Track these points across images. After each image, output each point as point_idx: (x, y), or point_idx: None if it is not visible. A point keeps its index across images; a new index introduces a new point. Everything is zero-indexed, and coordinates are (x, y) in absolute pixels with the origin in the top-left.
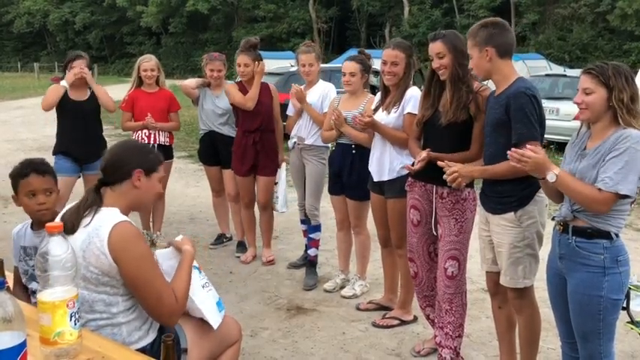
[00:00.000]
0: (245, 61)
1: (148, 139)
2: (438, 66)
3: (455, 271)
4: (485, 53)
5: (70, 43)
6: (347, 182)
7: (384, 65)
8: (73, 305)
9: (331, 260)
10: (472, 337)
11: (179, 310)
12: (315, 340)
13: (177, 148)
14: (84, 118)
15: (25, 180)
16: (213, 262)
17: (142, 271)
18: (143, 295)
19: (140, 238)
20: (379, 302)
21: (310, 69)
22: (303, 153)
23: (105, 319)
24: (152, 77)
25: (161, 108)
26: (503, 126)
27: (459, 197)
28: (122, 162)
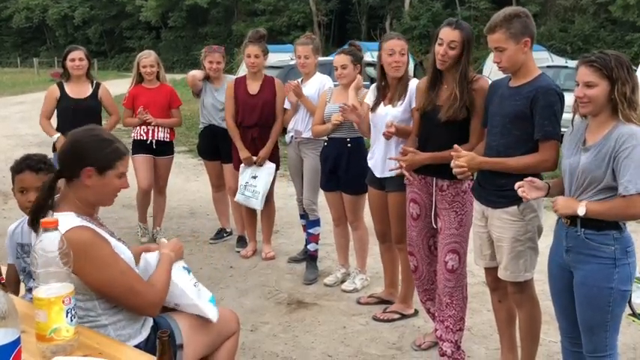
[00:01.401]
0: (255, 52)
1: (146, 135)
2: (444, 54)
3: (455, 265)
4: (524, 44)
5: (70, 38)
6: (344, 178)
7: (391, 56)
8: (69, 301)
9: (332, 254)
10: (473, 330)
11: (158, 298)
12: (315, 335)
13: (177, 143)
14: (84, 116)
15: (18, 176)
16: (213, 256)
17: (104, 274)
18: (114, 296)
19: (94, 241)
20: (380, 296)
21: (306, 61)
22: (300, 147)
23: (89, 322)
24: (152, 73)
25: (162, 104)
26: (523, 119)
27: (459, 190)
28: (73, 157)
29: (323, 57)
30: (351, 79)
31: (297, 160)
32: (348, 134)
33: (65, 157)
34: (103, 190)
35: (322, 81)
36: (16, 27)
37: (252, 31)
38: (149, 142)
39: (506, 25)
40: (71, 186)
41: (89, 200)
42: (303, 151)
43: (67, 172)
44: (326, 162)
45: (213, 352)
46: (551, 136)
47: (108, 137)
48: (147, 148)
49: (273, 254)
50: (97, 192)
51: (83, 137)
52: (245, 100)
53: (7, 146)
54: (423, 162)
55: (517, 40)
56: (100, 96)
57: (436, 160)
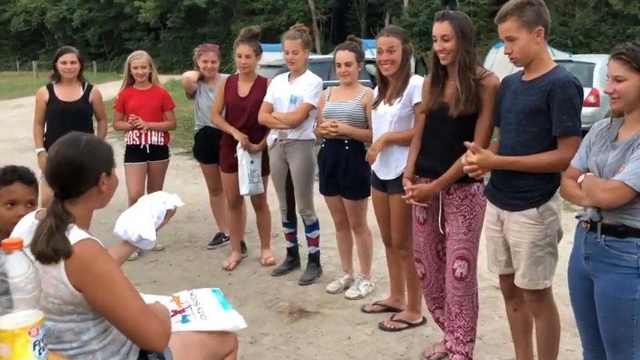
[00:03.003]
0: (246, 52)
1: (139, 139)
2: (440, 49)
3: (464, 272)
4: (537, 34)
5: (69, 40)
6: (342, 182)
7: (380, 54)
8: (36, 332)
9: (334, 259)
10: (485, 339)
11: (167, 331)
12: (318, 346)
13: (175, 145)
14: (74, 120)
15: (7, 187)
16: (211, 262)
17: (112, 295)
18: (119, 320)
19: (103, 256)
20: (386, 303)
21: (295, 57)
22: (286, 149)
23: (76, 348)
24: (143, 75)
25: (154, 106)
26: (539, 114)
27: (468, 192)
28: (84, 172)
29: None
30: (355, 78)
31: (282, 166)
32: (345, 136)
33: (68, 178)
34: (112, 191)
35: (312, 81)
36: (14, 30)
37: (244, 30)
38: (142, 147)
39: (517, 13)
40: (77, 201)
41: (96, 206)
42: (289, 154)
43: (74, 191)
44: (324, 165)
45: None
46: (571, 132)
47: (97, 138)
48: (140, 154)
49: (273, 259)
50: (107, 195)
51: (78, 151)
52: (234, 101)
53: (3, 150)
54: (433, 191)
55: (530, 29)
56: (91, 99)
57: (445, 182)
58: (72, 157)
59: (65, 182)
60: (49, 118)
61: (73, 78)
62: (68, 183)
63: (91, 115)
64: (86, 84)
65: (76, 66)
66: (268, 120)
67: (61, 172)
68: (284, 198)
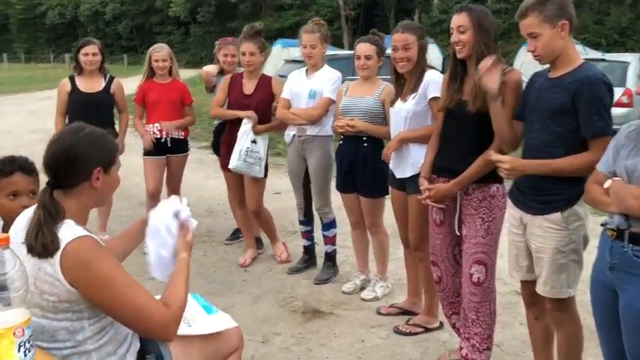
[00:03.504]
0: (250, 50)
1: (160, 132)
2: (456, 40)
3: (482, 277)
4: (560, 28)
5: (101, 33)
6: (360, 180)
7: (395, 51)
8: (21, 333)
9: (351, 258)
10: (503, 346)
11: (173, 320)
12: (331, 349)
13: (199, 138)
14: (96, 111)
15: (8, 179)
16: (228, 258)
17: (109, 292)
18: (120, 316)
19: (98, 253)
20: (402, 306)
21: (312, 51)
22: (304, 146)
23: (70, 347)
24: (164, 68)
25: (174, 100)
26: (565, 113)
27: (487, 194)
28: (77, 163)
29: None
30: (374, 71)
31: (299, 163)
32: (363, 133)
33: (60, 166)
34: (108, 189)
35: (331, 75)
36: (49, 23)
37: (246, 27)
38: (164, 140)
39: (539, 8)
40: (70, 194)
41: (91, 204)
42: (307, 151)
43: (66, 181)
44: (342, 162)
45: None
46: (603, 133)
47: (101, 132)
48: (160, 147)
49: (287, 255)
50: (102, 192)
51: (76, 140)
52: (238, 99)
53: (32, 140)
54: (450, 191)
55: (553, 24)
56: (112, 90)
57: (463, 182)
58: (68, 146)
59: (58, 171)
60: (71, 109)
61: (95, 70)
62: (60, 172)
63: (112, 107)
64: (108, 75)
65: (97, 58)
66: (287, 116)
67: (54, 159)
68: (301, 195)
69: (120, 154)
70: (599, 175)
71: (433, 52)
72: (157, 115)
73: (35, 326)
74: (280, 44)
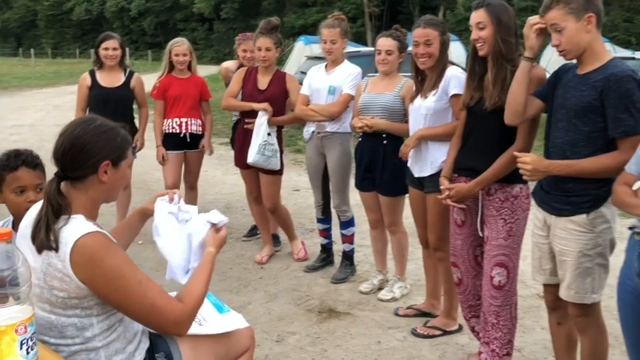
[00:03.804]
0: (267, 45)
1: (179, 127)
2: (476, 38)
3: (503, 280)
4: (586, 21)
5: (126, 29)
6: (379, 178)
7: (417, 47)
8: (24, 330)
9: (369, 257)
10: (524, 351)
11: (186, 316)
12: (346, 350)
13: (220, 134)
14: (116, 106)
15: (13, 174)
16: (244, 255)
17: (120, 288)
18: (131, 312)
19: (109, 249)
20: (420, 308)
21: (333, 46)
22: (323, 142)
23: (78, 344)
24: (184, 62)
25: (193, 95)
26: (592, 112)
27: (509, 194)
28: (84, 154)
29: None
30: (394, 67)
31: (318, 160)
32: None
33: (67, 157)
34: (117, 184)
35: (351, 71)
36: (76, 19)
37: (263, 22)
38: (182, 135)
39: (564, 0)
40: (79, 187)
41: (100, 199)
42: (326, 148)
43: (73, 173)
44: (361, 160)
45: None
46: (633, 132)
47: (112, 125)
48: (179, 142)
49: (304, 253)
50: (111, 187)
51: (85, 131)
52: (252, 93)
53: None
54: (471, 191)
55: (578, 17)
56: (132, 85)
57: (485, 182)
58: (76, 136)
59: (65, 162)
60: (91, 104)
61: (115, 65)
62: (67, 163)
63: (132, 102)
64: (127, 70)
65: (117, 52)
66: (306, 113)
67: (62, 150)
68: (320, 193)
69: (139, 150)
70: (628, 176)
71: (457, 50)
72: (176, 111)
73: (44, 322)
74: (303, 41)
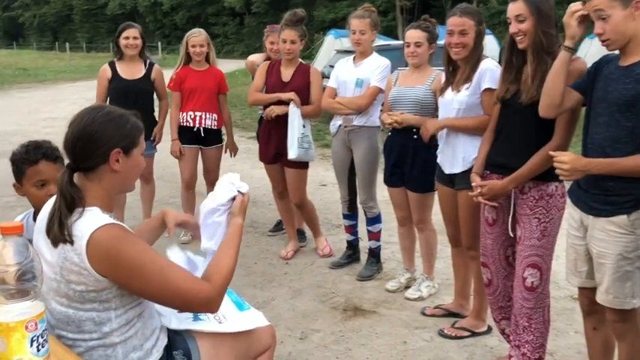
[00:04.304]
0: (292, 37)
1: (193, 121)
2: (516, 31)
3: (535, 282)
4: (635, 8)
5: (159, 24)
6: (408, 174)
7: (451, 36)
8: (34, 327)
9: (397, 255)
10: (557, 355)
11: (215, 294)
12: (371, 349)
13: (249, 128)
14: (136, 98)
15: (33, 167)
16: (269, 250)
17: (141, 277)
18: (157, 299)
19: (126, 240)
20: (448, 308)
21: (362, 37)
22: (350, 136)
23: (96, 339)
24: (201, 54)
25: (211, 88)
26: (637, 106)
27: (544, 192)
28: (94, 143)
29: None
30: (424, 59)
31: (345, 154)
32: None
33: (78, 148)
34: (130, 173)
35: (380, 63)
36: (110, 14)
37: (288, 14)
38: (196, 130)
39: None
40: (92, 178)
41: (114, 189)
42: (353, 142)
43: (84, 164)
44: (390, 154)
45: None
46: None
47: (122, 112)
48: (194, 136)
49: (329, 249)
50: (124, 176)
51: (94, 120)
52: (275, 86)
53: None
54: (504, 189)
55: (625, 3)
56: (153, 77)
57: (519, 180)
58: (84, 125)
59: (75, 152)
60: (112, 97)
61: (135, 55)
62: (77, 153)
63: (152, 94)
64: (148, 61)
65: (138, 42)
66: (332, 105)
67: (72, 140)
68: (346, 188)
69: (157, 143)
70: None
71: (490, 44)
72: (192, 104)
73: (61, 316)
74: (333, 35)
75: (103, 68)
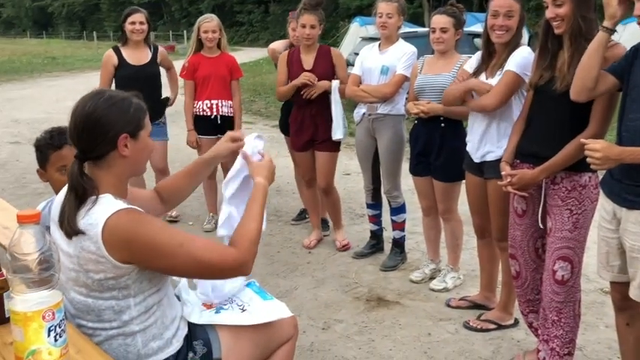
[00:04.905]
0: (311, 22)
1: (210, 110)
2: (553, 15)
3: (566, 275)
4: None
5: (184, 12)
6: (434, 163)
7: (495, 18)
8: (51, 317)
9: (421, 245)
10: (586, 350)
11: (242, 258)
12: (394, 340)
13: (272, 116)
14: (145, 83)
15: (57, 152)
16: (293, 239)
17: (162, 256)
18: (183, 274)
19: (140, 222)
20: (473, 300)
21: (388, 21)
22: (374, 125)
23: (115, 328)
24: (213, 40)
25: (223, 75)
26: None
27: (577, 183)
28: (99, 130)
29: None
30: (450, 46)
31: (369, 143)
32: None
33: (84, 137)
34: (140, 156)
35: (406, 50)
36: (136, 2)
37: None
38: (213, 118)
39: None
40: (102, 166)
41: (126, 174)
42: (377, 130)
43: (93, 153)
44: (416, 143)
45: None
46: None
47: (123, 95)
48: (212, 126)
49: (348, 242)
50: (134, 160)
51: (96, 106)
52: (298, 75)
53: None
54: (536, 179)
55: None
56: (159, 60)
57: (550, 169)
58: (87, 113)
59: (82, 142)
60: (120, 83)
61: (141, 40)
62: (84, 142)
63: (160, 78)
64: (152, 46)
65: (144, 27)
66: (356, 93)
67: (76, 130)
68: (370, 177)
69: (171, 104)
70: None
71: None
72: (206, 92)
73: (81, 306)
74: (358, 22)
75: (107, 54)
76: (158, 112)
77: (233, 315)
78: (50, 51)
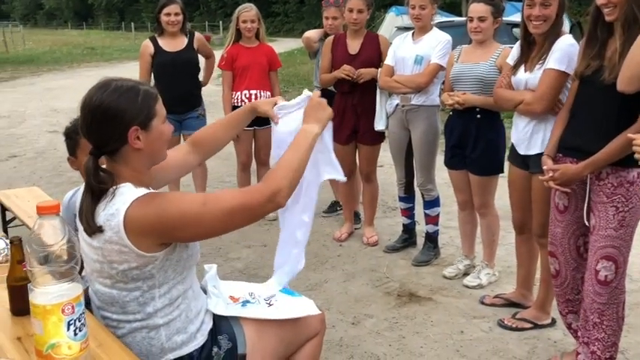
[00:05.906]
0: (359, 6)
1: (249, 100)
2: (605, 2)
3: (610, 276)
4: None
5: (220, 2)
6: (471, 155)
7: (531, 8)
8: (71, 310)
9: (455, 240)
10: (628, 353)
11: (270, 191)
12: (426, 337)
13: None
14: (183, 69)
15: None
16: (323, 232)
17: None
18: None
19: (158, 204)
20: (509, 297)
21: (421, 12)
22: (408, 116)
23: (139, 320)
24: (252, 30)
25: (263, 65)
26: None
27: (624, 179)
28: (108, 122)
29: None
30: (488, 35)
31: (402, 134)
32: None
33: (93, 129)
34: (156, 145)
35: (440, 38)
36: None
37: None
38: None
39: None
40: (118, 160)
41: (145, 165)
42: (411, 122)
43: (105, 147)
44: (451, 135)
45: (291, 356)
46: None
47: (130, 84)
48: None
49: (376, 239)
50: (151, 150)
51: (102, 98)
52: (343, 60)
53: None
54: (579, 174)
55: None
56: (196, 46)
57: (596, 164)
58: (94, 106)
59: (94, 136)
60: (158, 71)
61: (177, 31)
62: (96, 136)
63: (198, 62)
64: (188, 32)
65: (179, 18)
66: (390, 84)
67: (86, 124)
68: (403, 170)
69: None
70: None
71: None
72: (245, 82)
73: (106, 297)
74: (394, 12)
75: (144, 44)
76: (196, 100)
77: (259, 309)
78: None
